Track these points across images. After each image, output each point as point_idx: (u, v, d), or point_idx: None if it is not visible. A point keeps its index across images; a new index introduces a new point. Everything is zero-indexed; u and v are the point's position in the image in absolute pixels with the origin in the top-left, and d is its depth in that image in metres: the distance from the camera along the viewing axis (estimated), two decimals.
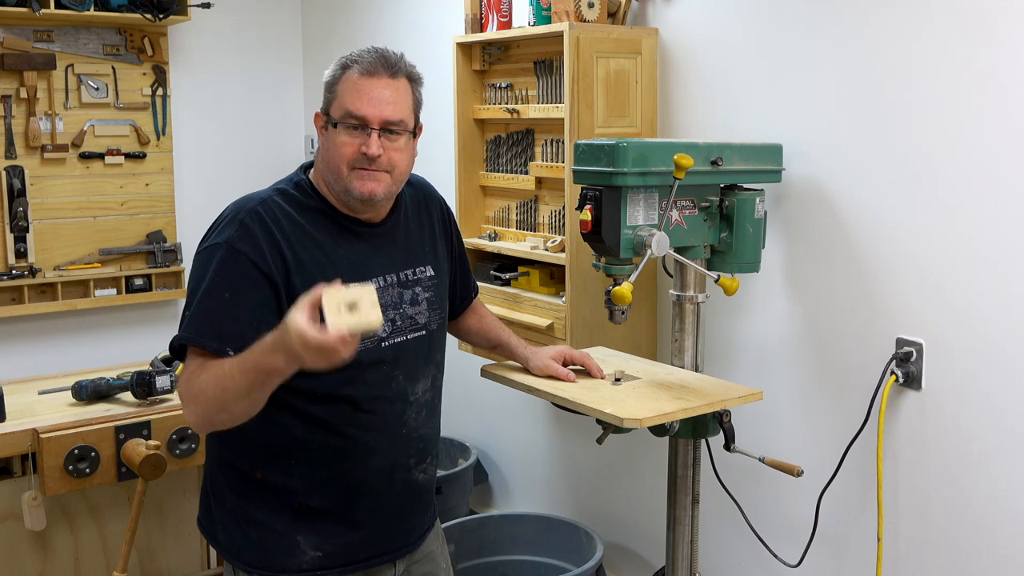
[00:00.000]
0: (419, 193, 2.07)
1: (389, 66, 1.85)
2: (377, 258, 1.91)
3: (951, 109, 2.17)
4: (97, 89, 3.96)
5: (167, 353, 3.13)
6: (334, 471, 1.87)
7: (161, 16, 3.86)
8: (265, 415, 1.74)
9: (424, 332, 1.97)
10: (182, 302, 4.22)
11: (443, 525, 3.05)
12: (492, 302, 2.99)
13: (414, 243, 2.00)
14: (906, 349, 2.28)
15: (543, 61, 2.91)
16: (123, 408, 2.88)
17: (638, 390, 2.13)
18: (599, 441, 2.16)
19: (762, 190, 2.40)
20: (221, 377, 1.68)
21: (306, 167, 1.96)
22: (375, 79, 1.83)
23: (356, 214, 1.90)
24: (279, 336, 1.57)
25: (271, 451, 1.85)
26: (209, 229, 1.87)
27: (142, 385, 2.90)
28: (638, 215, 2.19)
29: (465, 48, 3.12)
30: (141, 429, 2.80)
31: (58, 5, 3.65)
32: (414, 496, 1.99)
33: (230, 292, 1.77)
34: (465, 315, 2.24)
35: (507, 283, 3.01)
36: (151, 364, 3.10)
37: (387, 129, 1.83)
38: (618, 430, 2.06)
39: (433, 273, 2.01)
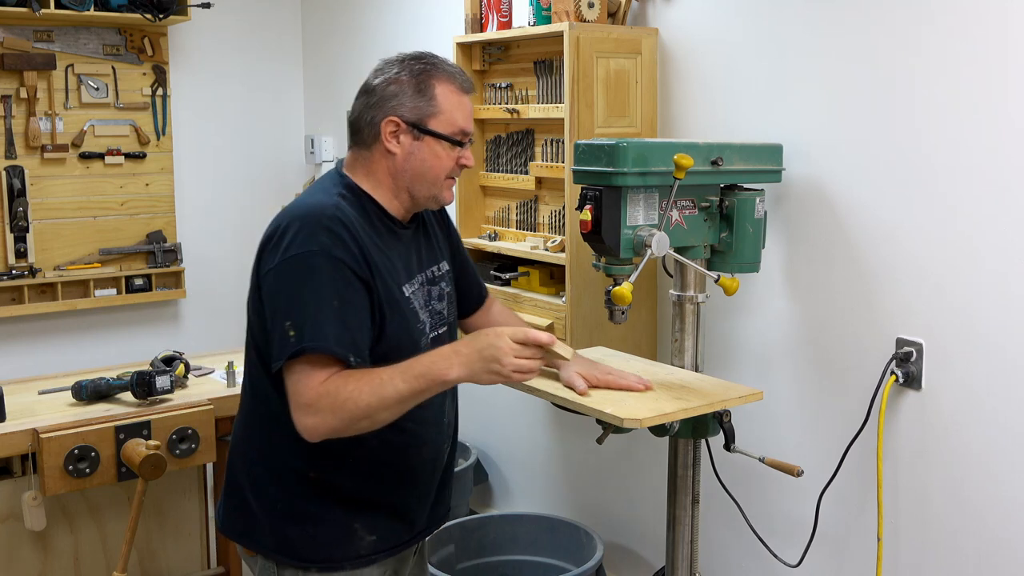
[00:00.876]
0: None
1: (470, 83, 1.95)
2: (414, 258, 1.95)
3: (951, 109, 2.17)
4: (97, 89, 3.96)
5: (167, 353, 3.16)
6: (388, 464, 1.91)
7: (161, 16, 3.86)
8: None
9: (447, 326, 2.02)
10: (182, 302, 4.29)
11: (443, 525, 3.06)
12: None
13: (432, 241, 2.04)
14: (906, 349, 2.28)
15: (543, 61, 2.91)
16: (123, 408, 2.87)
17: (635, 388, 2.13)
18: (599, 441, 2.16)
19: (762, 190, 2.40)
20: (378, 385, 1.70)
21: (341, 169, 1.95)
22: (468, 96, 1.92)
23: (399, 217, 1.93)
24: (457, 348, 1.73)
25: (329, 451, 1.84)
26: (274, 239, 1.80)
27: (142, 385, 2.90)
28: (638, 215, 2.19)
29: (465, 48, 3.12)
30: (141, 429, 2.79)
31: (58, 5, 3.65)
32: (445, 479, 2.07)
33: (339, 300, 1.75)
34: (479, 314, 2.23)
35: (507, 283, 3.01)
36: (151, 364, 3.10)
37: None
38: (618, 430, 2.06)
39: (448, 268, 2.06)
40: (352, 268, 1.77)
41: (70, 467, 2.70)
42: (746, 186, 2.41)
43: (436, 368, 1.72)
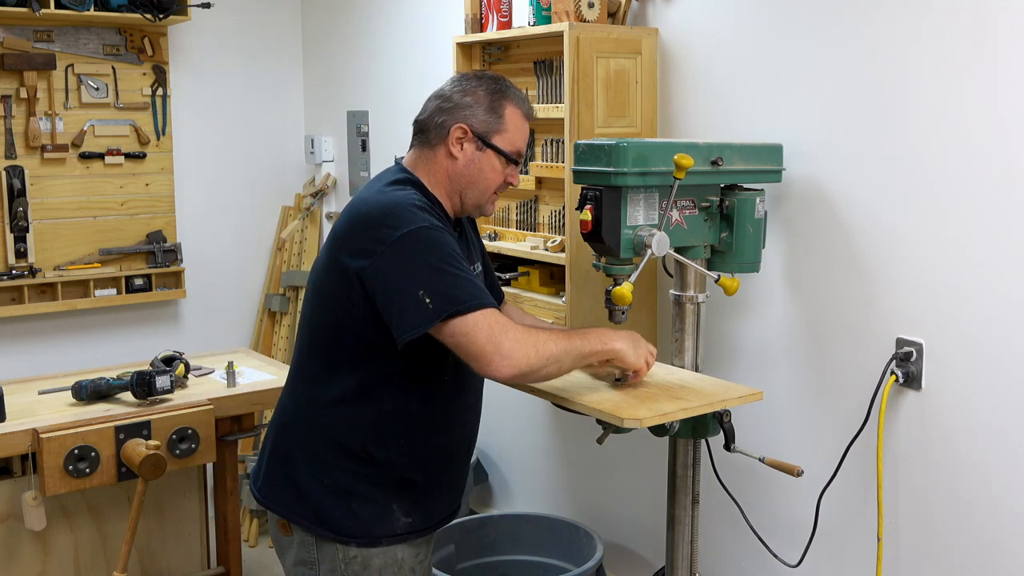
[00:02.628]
0: None
1: (533, 112, 2.15)
2: (464, 252, 2.07)
3: (951, 109, 2.17)
4: (97, 89, 3.96)
5: (167, 353, 3.16)
6: (436, 445, 2.06)
7: (161, 16, 3.86)
8: (384, 396, 1.96)
9: None
10: (182, 302, 4.29)
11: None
12: None
13: (469, 244, 2.20)
14: (906, 349, 2.28)
15: (543, 61, 2.91)
16: (123, 408, 2.88)
17: (638, 390, 2.13)
18: (599, 441, 2.16)
19: (762, 190, 2.40)
20: (559, 337, 1.92)
21: (402, 165, 2.09)
22: (529, 123, 2.12)
23: (453, 216, 2.09)
24: (607, 329, 2.06)
25: (383, 429, 1.98)
26: (370, 226, 1.90)
27: (142, 385, 2.90)
28: (638, 215, 2.19)
29: (465, 48, 3.12)
30: (141, 429, 2.79)
31: (58, 5, 3.65)
32: (469, 467, 2.26)
33: (462, 264, 1.90)
34: None
35: (507, 283, 3.01)
36: (151, 364, 3.10)
37: None
38: (618, 430, 2.06)
39: (481, 270, 2.22)
40: (456, 243, 1.95)
41: (70, 467, 2.70)
42: (746, 186, 2.41)
43: (606, 335, 2.02)
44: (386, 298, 1.87)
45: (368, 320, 1.92)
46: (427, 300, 1.83)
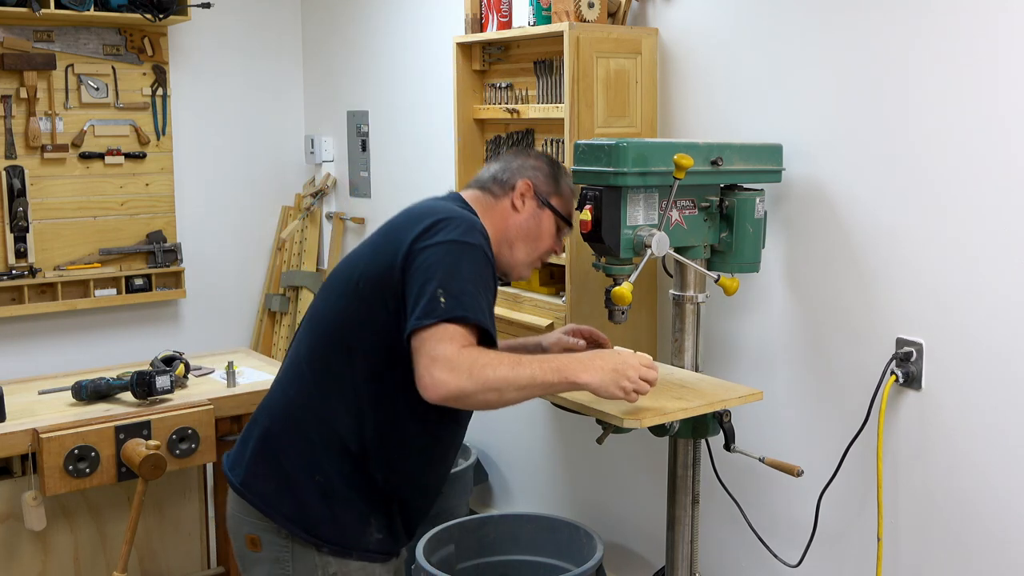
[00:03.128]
0: None
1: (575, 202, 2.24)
2: None
3: (951, 108, 2.17)
4: (97, 89, 3.96)
5: (167, 353, 3.16)
6: (431, 460, 2.05)
7: (161, 16, 3.86)
8: (394, 404, 1.93)
9: None
10: (182, 302, 4.29)
11: (443, 525, 3.06)
12: None
13: None
14: (906, 349, 2.28)
15: (543, 61, 2.91)
16: (123, 408, 2.88)
17: None
18: (599, 441, 2.16)
19: (762, 190, 2.40)
20: (516, 364, 1.82)
21: (463, 199, 2.10)
22: (572, 209, 2.20)
23: None
24: (589, 357, 1.91)
25: (388, 438, 1.96)
26: (434, 224, 1.89)
27: (142, 385, 2.90)
28: (638, 215, 2.19)
29: (465, 48, 3.12)
30: (141, 429, 2.79)
31: (58, 5, 3.65)
32: (455, 475, 2.27)
33: (484, 289, 1.88)
34: None
35: (507, 283, 3.01)
36: (151, 364, 3.10)
37: None
38: (618, 430, 2.06)
39: None
40: (494, 273, 1.96)
41: (70, 467, 2.70)
42: (746, 186, 2.41)
43: (571, 367, 1.87)
44: (415, 285, 1.83)
45: (391, 324, 1.88)
46: (441, 299, 1.80)
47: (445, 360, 1.76)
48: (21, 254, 3.82)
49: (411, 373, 1.83)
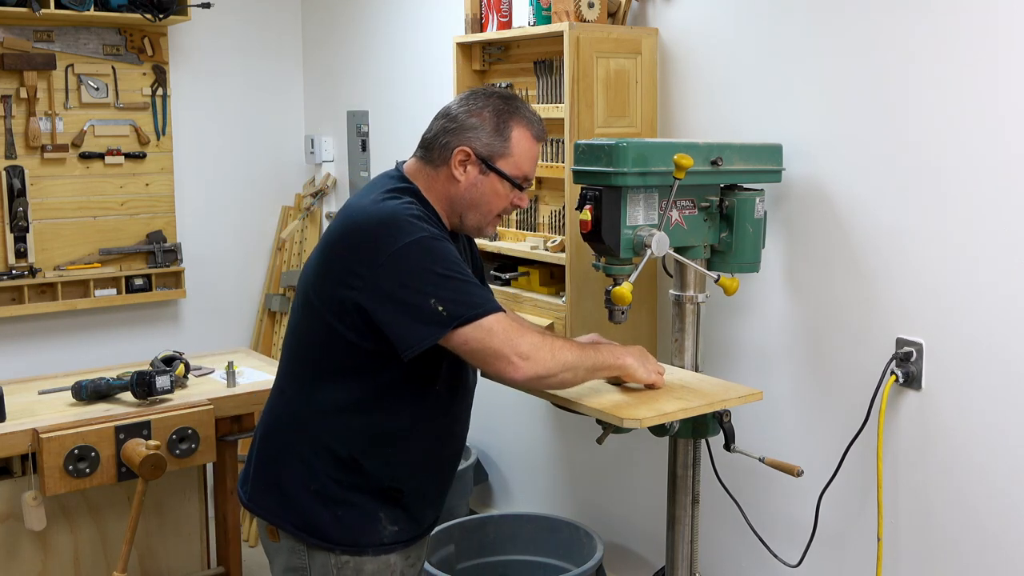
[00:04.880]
0: None
1: (545, 132, 2.08)
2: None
3: (951, 108, 2.17)
4: (97, 89, 3.96)
5: (167, 353, 3.16)
6: (427, 455, 2.04)
7: (161, 16, 3.86)
8: (376, 407, 1.94)
9: None
10: (182, 302, 4.29)
11: (443, 525, 3.07)
12: None
13: (463, 252, 2.14)
14: (906, 349, 2.28)
15: (543, 61, 2.91)
16: (123, 408, 2.88)
17: (638, 390, 2.13)
18: (599, 441, 2.16)
19: (762, 190, 2.40)
20: (573, 347, 1.95)
21: (403, 173, 2.04)
22: (540, 144, 2.06)
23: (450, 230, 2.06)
24: (616, 345, 2.11)
25: (378, 439, 1.96)
26: (368, 237, 1.87)
27: (142, 385, 2.90)
28: (638, 215, 2.19)
29: (465, 48, 3.12)
30: (141, 429, 2.79)
31: (58, 5, 3.65)
32: (456, 474, 2.21)
33: (465, 272, 1.88)
34: None
35: (507, 283, 3.01)
36: (151, 364, 3.10)
37: None
38: (618, 430, 2.06)
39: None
40: (456, 250, 1.93)
41: (70, 467, 2.70)
42: (746, 186, 2.41)
43: (615, 350, 2.08)
44: (391, 312, 1.83)
45: (361, 330, 1.88)
46: (440, 308, 1.80)
47: (522, 354, 1.85)
48: (21, 254, 3.82)
49: (385, 376, 1.90)
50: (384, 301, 1.83)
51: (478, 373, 2.12)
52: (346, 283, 1.87)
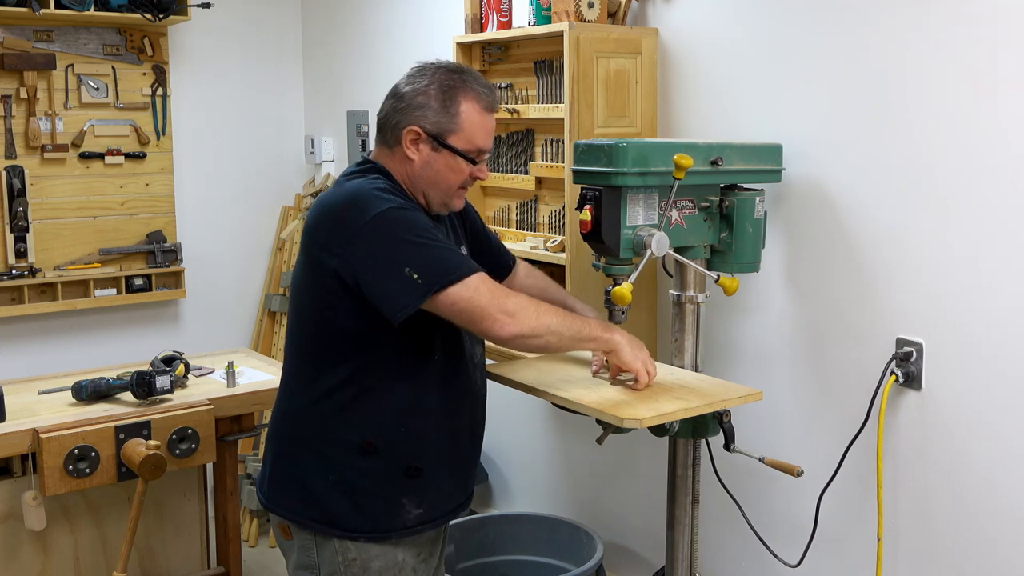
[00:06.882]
0: None
1: (496, 101, 2.05)
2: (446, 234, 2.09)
3: (952, 108, 2.17)
4: (97, 89, 3.96)
5: (167, 353, 3.16)
6: (436, 429, 2.03)
7: (161, 16, 3.86)
8: (377, 385, 1.95)
9: None
10: (182, 302, 4.29)
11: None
12: None
13: (446, 228, 2.15)
14: (906, 349, 2.28)
15: (543, 61, 2.91)
16: (123, 408, 2.87)
17: (637, 390, 2.13)
18: (599, 441, 2.16)
19: (762, 190, 2.40)
20: (557, 312, 1.96)
21: (370, 159, 2.08)
22: (492, 115, 2.03)
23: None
24: (610, 324, 2.11)
25: (387, 418, 1.97)
26: (339, 218, 1.91)
27: (142, 385, 2.90)
28: (638, 215, 2.19)
29: (465, 48, 3.12)
30: (141, 429, 2.79)
31: (58, 5, 3.65)
32: (477, 454, 2.21)
33: (436, 237, 1.90)
34: (508, 279, 2.34)
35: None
36: (151, 364, 3.10)
37: None
38: (618, 430, 2.06)
39: (467, 252, 2.16)
40: (428, 219, 1.94)
41: (70, 467, 2.70)
42: (746, 186, 2.41)
43: (604, 326, 2.06)
44: (371, 283, 1.87)
45: (351, 312, 1.92)
46: (415, 276, 1.83)
47: (508, 312, 1.87)
48: (21, 254, 3.82)
49: (381, 353, 1.92)
50: (365, 275, 1.87)
51: (484, 344, 2.15)
52: (326, 266, 1.91)
